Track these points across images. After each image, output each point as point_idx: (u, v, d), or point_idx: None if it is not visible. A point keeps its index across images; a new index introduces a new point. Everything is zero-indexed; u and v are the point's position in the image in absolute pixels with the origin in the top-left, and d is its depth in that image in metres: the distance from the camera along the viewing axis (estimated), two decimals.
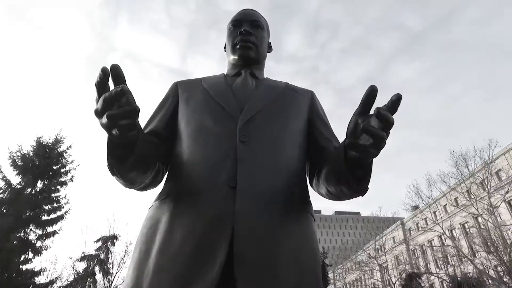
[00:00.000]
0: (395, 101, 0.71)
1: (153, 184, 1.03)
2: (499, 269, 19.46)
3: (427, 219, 34.85)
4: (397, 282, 34.82)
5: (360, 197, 0.87)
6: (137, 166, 0.87)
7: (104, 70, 0.72)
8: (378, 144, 0.69)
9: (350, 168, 0.83)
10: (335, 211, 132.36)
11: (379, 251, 40.19)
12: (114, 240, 18.63)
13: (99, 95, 0.74)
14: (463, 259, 23.08)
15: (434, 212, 34.76)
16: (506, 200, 26.82)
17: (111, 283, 16.83)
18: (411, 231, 54.57)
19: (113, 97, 0.71)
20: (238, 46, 1.30)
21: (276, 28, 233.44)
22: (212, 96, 1.14)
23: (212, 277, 0.76)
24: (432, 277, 26.27)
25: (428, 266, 42.44)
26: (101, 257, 17.69)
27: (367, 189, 0.84)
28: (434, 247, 40.11)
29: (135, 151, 0.83)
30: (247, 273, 0.78)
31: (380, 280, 38.99)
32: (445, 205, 38.10)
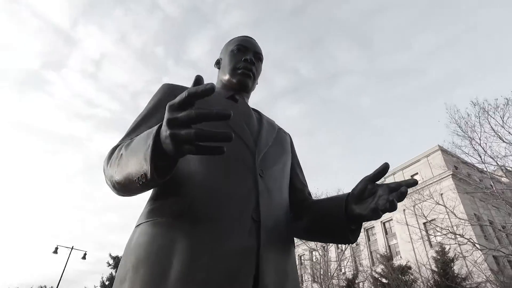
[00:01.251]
0: (411, 184, 0.89)
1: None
2: None
3: None
4: None
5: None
6: None
7: (210, 89, 0.63)
8: (392, 210, 0.85)
9: (349, 221, 1.00)
10: None
11: None
12: None
13: (188, 104, 0.66)
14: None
15: None
16: None
17: None
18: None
19: (205, 118, 0.64)
20: (239, 71, 1.33)
21: (186, 30, 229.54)
22: (227, 121, 1.12)
23: (250, 280, 0.82)
24: None
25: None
26: None
27: (356, 240, 1.04)
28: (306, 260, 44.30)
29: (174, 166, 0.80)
30: None
31: None
32: None
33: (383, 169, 0.92)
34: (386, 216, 39.15)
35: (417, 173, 39.45)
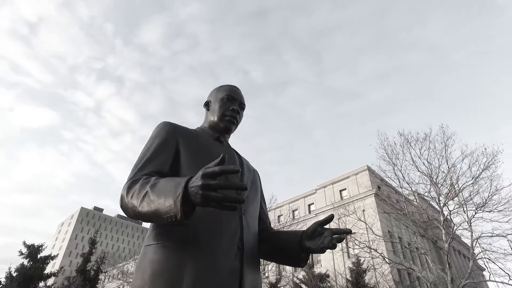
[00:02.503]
0: (348, 233, 1.34)
1: None
2: None
3: None
4: None
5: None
6: None
7: (237, 171, 0.96)
8: (333, 247, 1.32)
9: (302, 251, 1.42)
10: (118, 214, 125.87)
11: None
12: None
13: (220, 174, 0.97)
14: None
15: None
16: None
17: None
18: None
19: (229, 187, 0.98)
20: (227, 118, 1.66)
21: (141, 11, 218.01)
22: (214, 158, 1.41)
23: None
24: None
25: None
26: None
27: (305, 265, 1.49)
28: None
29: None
30: None
31: None
32: None
33: (330, 219, 1.35)
34: None
35: (345, 189, 42.64)
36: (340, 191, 43.25)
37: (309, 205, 46.09)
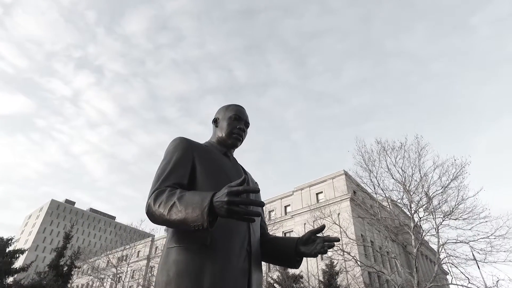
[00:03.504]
0: (337, 240, 1.56)
1: None
2: None
3: None
4: None
5: None
6: None
7: (257, 190, 1.28)
8: (325, 253, 1.57)
9: (297, 255, 1.67)
10: (90, 208, 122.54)
11: (122, 261, 39.99)
12: None
13: (242, 192, 1.20)
14: None
15: None
16: None
17: None
18: (158, 250, 57.62)
19: (252, 204, 1.20)
20: (234, 135, 1.88)
21: (127, 1, 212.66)
22: (225, 172, 1.72)
23: (245, 285, 1.44)
24: None
25: None
26: None
27: (299, 266, 1.72)
28: None
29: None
30: None
31: None
32: None
33: (321, 228, 1.64)
34: (287, 228, 42.28)
35: (322, 192, 43.51)
36: (317, 194, 44.06)
37: (285, 207, 46.67)
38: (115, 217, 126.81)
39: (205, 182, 1.61)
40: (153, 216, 1.40)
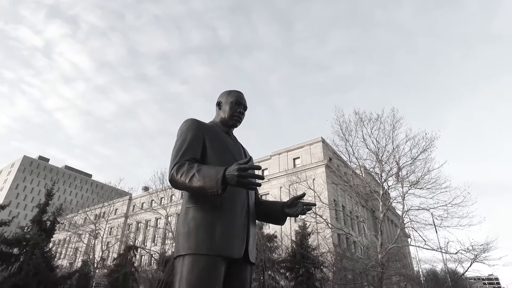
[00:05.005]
0: (314, 205, 2.11)
1: None
2: None
3: (153, 202, 39.30)
4: (113, 249, 36.50)
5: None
6: None
7: (259, 168, 1.61)
8: (305, 213, 2.07)
9: (283, 215, 2.12)
10: (66, 165, 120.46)
11: (100, 218, 40.54)
12: None
13: (249, 169, 1.60)
14: (173, 241, 27.79)
15: (161, 198, 39.16)
16: None
17: None
18: (135, 208, 58.44)
19: (255, 177, 1.66)
20: (235, 118, 2.26)
21: None
22: (229, 149, 2.13)
23: (245, 237, 1.90)
24: (144, 252, 29.95)
25: (145, 241, 47.32)
26: None
27: (284, 223, 2.19)
28: (152, 227, 45.23)
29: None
30: (250, 246, 1.94)
31: (87, 244, 39.20)
32: (172, 195, 44.42)
33: (302, 195, 2.12)
34: (264, 191, 43.78)
35: (299, 157, 44.80)
36: (294, 159, 45.36)
37: (263, 170, 47.94)
38: (91, 175, 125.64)
39: (214, 158, 2.01)
40: (176, 183, 1.80)
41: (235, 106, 2.28)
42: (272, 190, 42.70)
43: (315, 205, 2.10)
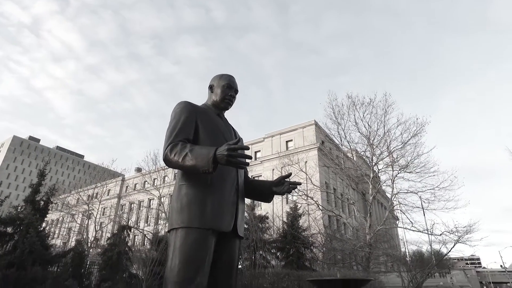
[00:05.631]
0: (295, 183, 2.21)
1: None
2: None
3: (146, 183, 39.43)
4: (106, 229, 36.78)
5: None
6: None
7: (247, 148, 1.71)
8: (291, 191, 2.21)
9: (270, 193, 2.27)
10: (57, 146, 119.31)
11: (93, 198, 40.65)
12: None
13: (238, 149, 1.69)
14: (166, 221, 28.13)
15: (154, 179, 39.37)
16: None
17: None
18: (128, 189, 58.61)
19: (243, 157, 1.72)
20: (226, 100, 2.36)
21: None
22: (220, 130, 2.22)
23: (234, 213, 2.03)
24: (137, 232, 30.31)
25: (138, 221, 47.77)
26: None
27: (271, 201, 2.34)
28: (145, 207, 45.55)
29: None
30: (239, 221, 2.07)
31: (80, 224, 39.46)
32: (164, 176, 44.59)
33: (289, 175, 2.23)
34: (256, 172, 44.15)
35: (291, 140, 45.08)
36: (287, 141, 45.64)
37: (255, 152, 48.21)
38: (83, 156, 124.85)
39: (206, 138, 2.10)
40: (169, 162, 1.91)
41: (226, 90, 2.36)
42: (265, 172, 43.12)
43: (300, 184, 2.23)
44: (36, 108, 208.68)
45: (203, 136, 2.11)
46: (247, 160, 1.85)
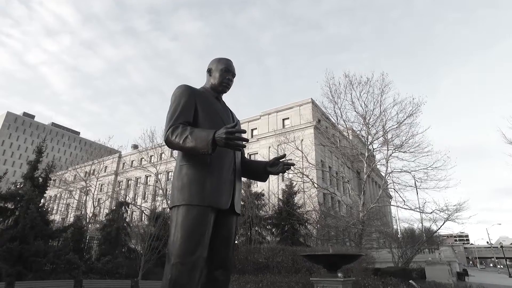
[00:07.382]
0: (288, 164, 2.38)
1: None
2: None
3: (143, 160, 39.62)
4: (104, 205, 37.27)
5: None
6: None
7: (244, 131, 1.82)
8: (285, 171, 2.33)
9: (265, 173, 2.38)
10: (52, 122, 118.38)
11: (90, 175, 40.93)
12: None
13: (235, 132, 1.76)
14: (163, 197, 28.56)
15: (151, 156, 39.48)
16: None
17: None
18: (125, 166, 58.88)
19: (240, 140, 1.81)
20: (224, 84, 2.42)
21: None
22: (218, 113, 2.31)
23: (231, 191, 2.14)
24: (135, 208, 30.80)
25: (136, 197, 48.40)
26: None
27: (266, 180, 2.53)
28: (142, 184, 45.98)
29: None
30: (236, 199, 2.18)
31: (78, 200, 39.93)
32: (161, 153, 44.79)
33: (283, 156, 2.36)
34: (253, 150, 44.43)
35: (288, 118, 45.09)
36: (283, 119, 45.64)
37: (252, 130, 48.27)
38: (80, 133, 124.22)
39: (205, 121, 2.20)
40: (171, 144, 2.01)
41: (224, 73, 2.43)
42: (261, 150, 43.38)
43: (294, 164, 2.35)
44: (31, 84, 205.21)
45: (202, 118, 2.19)
46: (244, 143, 1.95)
